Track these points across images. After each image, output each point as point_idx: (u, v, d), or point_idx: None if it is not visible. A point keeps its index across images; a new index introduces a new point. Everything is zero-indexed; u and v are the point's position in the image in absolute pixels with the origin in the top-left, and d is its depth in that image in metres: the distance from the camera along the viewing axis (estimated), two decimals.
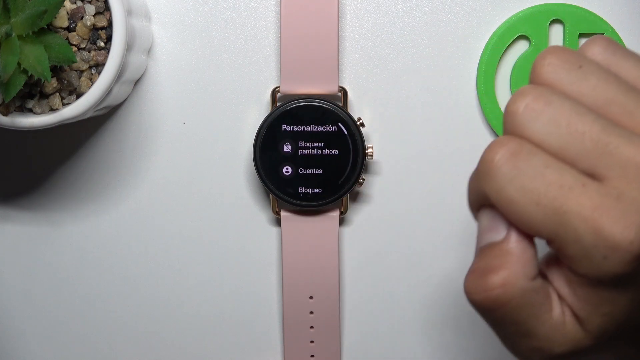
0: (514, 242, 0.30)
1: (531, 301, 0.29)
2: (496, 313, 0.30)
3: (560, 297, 0.30)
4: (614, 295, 0.29)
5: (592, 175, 0.28)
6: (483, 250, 0.30)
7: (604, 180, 0.28)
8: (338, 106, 0.43)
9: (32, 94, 0.38)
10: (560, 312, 0.30)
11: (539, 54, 0.30)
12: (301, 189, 0.43)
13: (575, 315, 0.30)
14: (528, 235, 0.29)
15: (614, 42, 0.31)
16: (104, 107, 0.42)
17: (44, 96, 0.38)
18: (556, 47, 0.30)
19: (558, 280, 0.30)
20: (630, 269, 0.28)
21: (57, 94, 0.38)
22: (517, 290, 0.29)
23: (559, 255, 0.29)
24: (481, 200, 0.30)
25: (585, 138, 0.28)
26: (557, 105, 0.29)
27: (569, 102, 0.29)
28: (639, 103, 0.29)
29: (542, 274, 0.30)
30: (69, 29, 0.38)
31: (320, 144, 0.42)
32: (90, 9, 0.38)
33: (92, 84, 0.38)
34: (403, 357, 0.47)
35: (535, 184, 0.28)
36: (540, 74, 0.30)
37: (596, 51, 0.31)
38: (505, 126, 0.30)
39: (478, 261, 0.30)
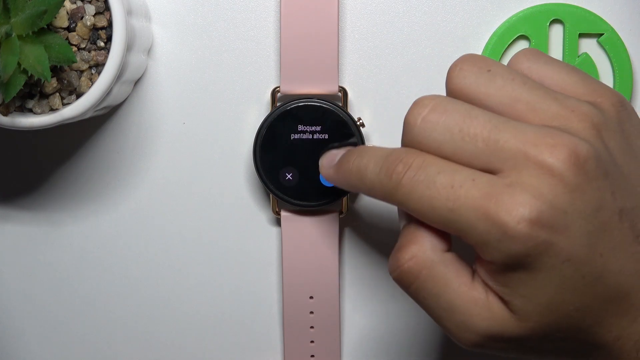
0: (411, 225, 0.33)
1: (444, 272, 0.32)
2: (413, 286, 0.32)
3: (486, 285, 0.32)
4: (525, 277, 0.30)
5: (489, 171, 0.31)
6: (400, 234, 0.34)
7: (498, 174, 0.31)
8: (338, 106, 0.43)
9: (32, 94, 0.38)
10: (483, 291, 0.32)
11: (454, 61, 0.33)
12: (301, 189, 0.43)
13: (501, 299, 0.32)
14: None
15: (538, 52, 0.34)
16: (104, 107, 0.42)
17: (44, 96, 0.38)
18: (468, 55, 0.33)
19: (480, 270, 0.32)
20: (527, 248, 0.30)
21: (57, 94, 0.38)
22: (426, 261, 0.32)
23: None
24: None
25: (477, 140, 0.31)
26: (451, 114, 0.31)
27: (463, 107, 0.32)
28: (543, 99, 0.32)
29: (472, 270, 0.33)
30: (69, 29, 0.38)
31: (321, 144, 0.42)
32: (90, 9, 0.38)
33: (92, 84, 0.38)
34: (403, 357, 0.47)
35: (430, 190, 0.31)
36: (452, 78, 0.33)
37: (519, 61, 0.34)
38: (403, 136, 0.33)
39: (396, 245, 0.33)
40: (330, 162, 0.38)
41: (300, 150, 0.42)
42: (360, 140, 0.42)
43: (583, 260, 0.30)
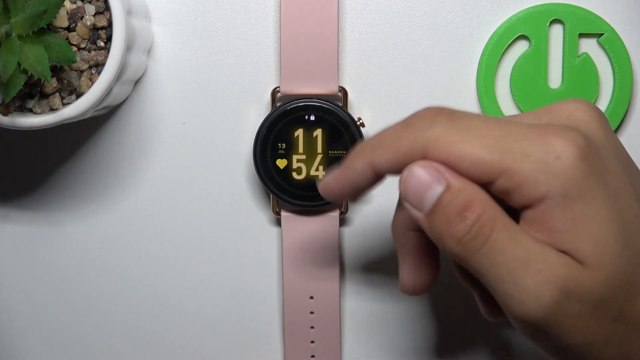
0: (456, 180, 0.30)
1: (511, 222, 0.30)
2: (489, 242, 0.29)
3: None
4: (587, 211, 0.29)
5: None
6: (437, 207, 0.30)
7: None
8: (338, 106, 0.43)
9: (32, 94, 0.38)
10: (546, 244, 0.30)
11: None
12: (302, 189, 0.43)
13: (567, 253, 0.30)
14: (460, 174, 0.30)
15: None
16: (104, 107, 0.42)
17: (44, 96, 0.38)
18: None
19: (535, 227, 0.30)
20: (585, 169, 0.29)
21: (57, 94, 0.38)
22: (496, 211, 0.30)
23: (512, 192, 0.30)
24: (411, 158, 0.31)
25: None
26: None
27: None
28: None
29: None
30: (69, 29, 0.38)
31: (320, 144, 0.42)
32: (90, 9, 0.38)
33: (92, 84, 0.38)
34: (403, 357, 0.47)
35: (475, 122, 0.30)
36: None
37: None
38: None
39: (443, 216, 0.30)
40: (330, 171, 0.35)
41: (300, 151, 0.42)
42: (361, 140, 0.42)
43: (632, 196, 0.30)
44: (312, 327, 0.45)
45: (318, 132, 0.42)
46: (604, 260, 0.29)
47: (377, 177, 0.32)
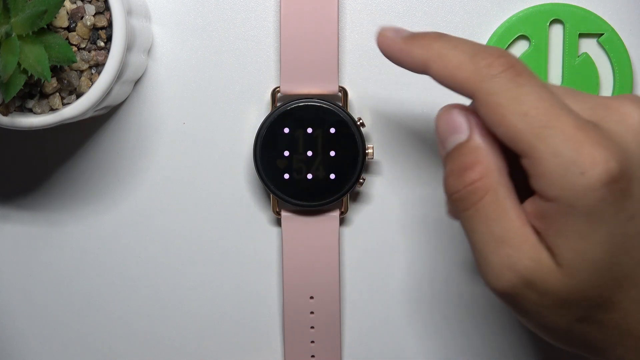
0: (479, 137, 0.31)
1: (505, 198, 0.30)
2: (473, 208, 0.30)
3: (537, 233, 0.30)
4: (585, 229, 0.29)
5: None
6: (451, 153, 0.31)
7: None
8: (338, 106, 0.43)
9: (32, 94, 0.38)
10: (535, 234, 0.30)
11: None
12: (302, 189, 0.43)
13: (549, 249, 0.30)
14: (489, 133, 0.31)
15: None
16: (104, 107, 0.42)
17: (44, 96, 0.38)
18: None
19: (532, 215, 0.30)
20: (605, 192, 0.28)
21: (57, 94, 0.38)
22: (493, 183, 0.30)
23: (530, 176, 0.30)
24: (461, 92, 0.31)
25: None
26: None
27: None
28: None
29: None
30: (69, 29, 0.38)
31: (320, 144, 0.42)
32: (90, 9, 0.38)
33: (92, 84, 0.38)
34: (403, 357, 0.47)
35: (529, 96, 0.29)
36: None
37: None
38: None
39: (451, 164, 0.31)
40: (397, 31, 0.34)
41: (300, 151, 0.42)
42: (361, 140, 0.42)
43: None
44: (312, 327, 0.45)
45: (318, 132, 0.42)
46: (579, 271, 0.30)
47: (423, 72, 0.33)
